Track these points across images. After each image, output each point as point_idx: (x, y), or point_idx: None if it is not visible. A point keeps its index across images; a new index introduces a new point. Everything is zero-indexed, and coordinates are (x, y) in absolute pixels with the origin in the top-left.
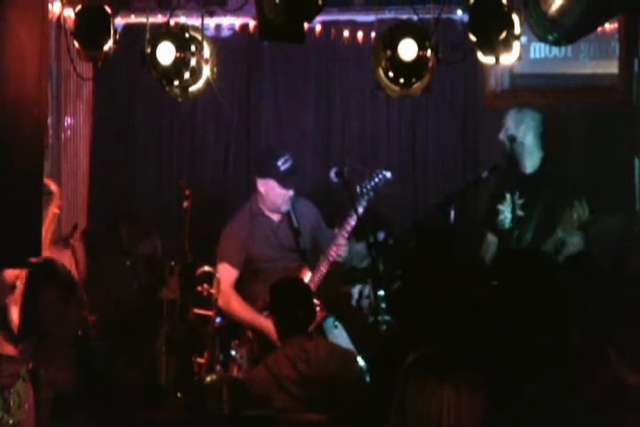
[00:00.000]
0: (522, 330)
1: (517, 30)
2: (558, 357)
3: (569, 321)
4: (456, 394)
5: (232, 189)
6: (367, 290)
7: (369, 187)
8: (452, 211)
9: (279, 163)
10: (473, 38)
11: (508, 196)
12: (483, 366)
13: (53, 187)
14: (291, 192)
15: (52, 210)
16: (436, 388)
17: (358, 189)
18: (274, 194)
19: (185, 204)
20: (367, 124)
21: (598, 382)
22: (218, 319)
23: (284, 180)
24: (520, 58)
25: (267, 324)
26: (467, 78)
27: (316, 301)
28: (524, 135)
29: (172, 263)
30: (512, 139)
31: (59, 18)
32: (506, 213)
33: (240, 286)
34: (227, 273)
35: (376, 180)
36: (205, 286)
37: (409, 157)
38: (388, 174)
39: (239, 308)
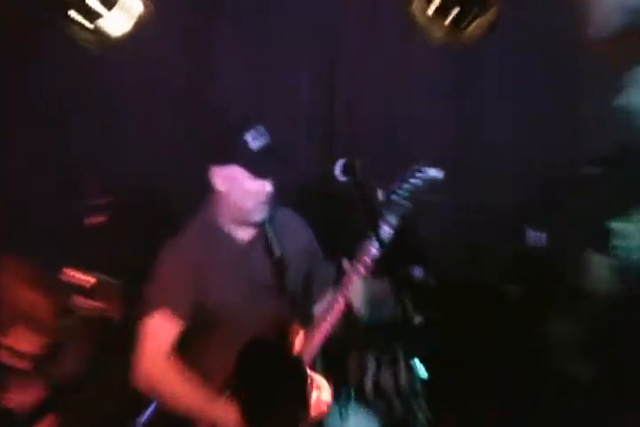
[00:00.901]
0: None
1: None
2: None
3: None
4: None
5: (178, 191)
6: (394, 360)
7: (401, 192)
8: (530, 230)
9: (248, 138)
10: None
11: (628, 207)
12: None
13: None
14: (268, 186)
15: None
16: None
17: (382, 197)
18: (240, 190)
19: (98, 218)
20: (391, 94)
21: None
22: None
23: (255, 164)
24: None
25: (227, 413)
26: (551, 14)
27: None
28: None
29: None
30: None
31: None
32: (631, 236)
33: (186, 351)
34: (164, 328)
35: (413, 181)
36: None
37: (457, 146)
38: (434, 172)
39: (183, 386)
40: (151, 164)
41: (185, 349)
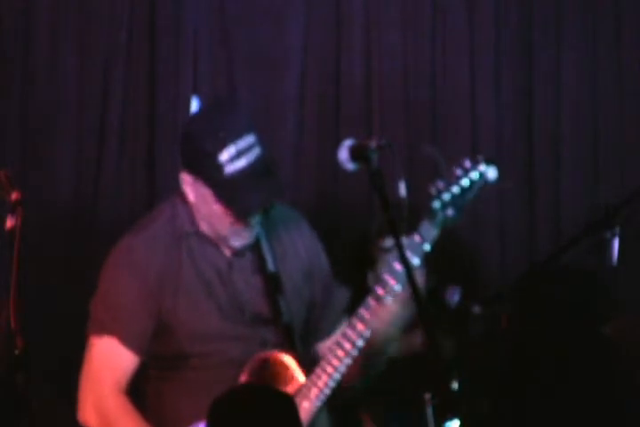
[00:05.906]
0: None
1: None
2: None
3: None
4: None
5: (116, 191)
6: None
7: (447, 196)
8: (615, 239)
9: (222, 157)
10: None
11: None
12: None
13: None
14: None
15: None
16: None
17: (404, 191)
18: (211, 213)
19: (9, 222)
20: (420, 50)
21: None
22: None
23: (229, 197)
24: None
25: None
26: None
27: None
28: None
29: None
30: None
31: None
32: None
33: (139, 396)
34: (113, 361)
35: (463, 182)
36: None
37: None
38: (492, 172)
39: None
40: (88, 161)
41: (142, 389)
